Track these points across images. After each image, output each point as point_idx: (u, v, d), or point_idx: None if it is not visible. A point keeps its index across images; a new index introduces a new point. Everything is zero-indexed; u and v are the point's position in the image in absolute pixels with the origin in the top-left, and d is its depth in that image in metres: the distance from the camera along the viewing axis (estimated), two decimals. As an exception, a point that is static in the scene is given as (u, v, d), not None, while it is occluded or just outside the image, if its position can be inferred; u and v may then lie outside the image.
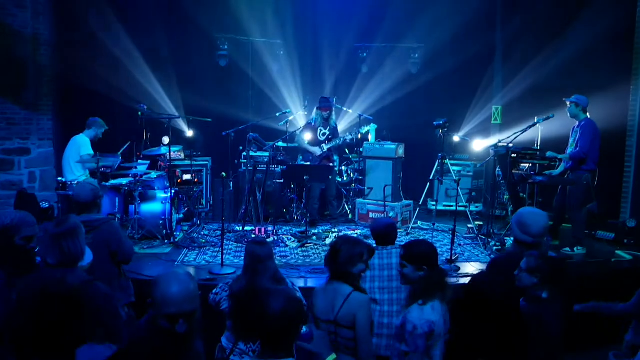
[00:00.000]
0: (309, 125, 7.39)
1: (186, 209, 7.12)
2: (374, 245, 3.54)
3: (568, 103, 6.09)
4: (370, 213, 7.45)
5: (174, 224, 6.38)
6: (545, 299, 2.90)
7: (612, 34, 7.26)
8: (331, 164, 7.39)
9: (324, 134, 7.32)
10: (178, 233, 6.56)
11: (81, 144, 6.39)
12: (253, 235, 6.46)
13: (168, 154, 6.90)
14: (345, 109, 8.31)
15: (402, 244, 3.27)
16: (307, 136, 7.31)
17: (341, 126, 8.80)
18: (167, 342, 1.97)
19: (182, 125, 8.36)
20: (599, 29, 7.21)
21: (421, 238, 6.14)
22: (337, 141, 7.33)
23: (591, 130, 5.95)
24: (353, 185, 8.02)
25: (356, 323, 2.98)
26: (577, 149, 5.97)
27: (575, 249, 6.03)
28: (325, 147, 7.26)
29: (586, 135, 5.93)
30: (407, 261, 3.02)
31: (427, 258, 3.01)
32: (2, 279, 2.86)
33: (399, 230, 7.05)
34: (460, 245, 6.40)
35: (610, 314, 3.69)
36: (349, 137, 7.33)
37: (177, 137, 8.20)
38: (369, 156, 7.64)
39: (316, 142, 7.32)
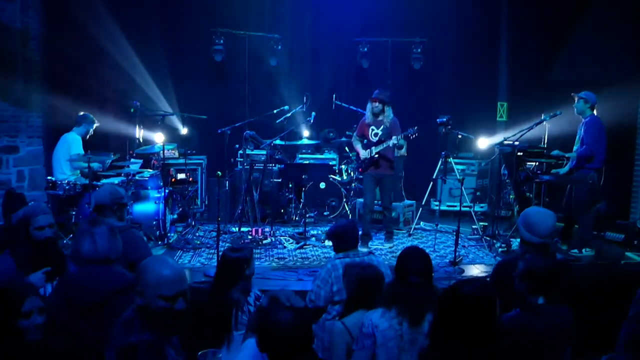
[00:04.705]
0: (361, 123, 6.33)
1: (180, 209, 7.02)
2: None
3: (576, 98, 5.95)
4: (371, 213, 7.25)
5: (167, 224, 6.30)
6: (540, 306, 2.64)
7: (621, 29, 7.14)
8: (385, 172, 6.25)
9: (375, 134, 6.16)
10: (172, 234, 6.50)
11: (71, 142, 6.26)
12: (250, 237, 6.34)
13: (161, 152, 6.79)
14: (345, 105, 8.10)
15: (404, 245, 3.19)
16: (361, 135, 6.38)
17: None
18: (166, 321, 2.09)
19: (176, 122, 8.21)
20: (607, 22, 7.06)
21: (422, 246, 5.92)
22: (382, 146, 6.15)
23: (595, 127, 5.83)
24: (353, 184, 7.87)
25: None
26: (584, 147, 5.84)
27: (583, 250, 5.91)
28: (374, 151, 6.14)
29: (590, 132, 5.81)
30: None
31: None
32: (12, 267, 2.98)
33: (400, 231, 7.06)
34: (464, 246, 6.31)
35: None
36: (391, 143, 6.12)
37: (171, 135, 8.04)
38: (370, 154, 7.43)
39: (368, 144, 6.27)
